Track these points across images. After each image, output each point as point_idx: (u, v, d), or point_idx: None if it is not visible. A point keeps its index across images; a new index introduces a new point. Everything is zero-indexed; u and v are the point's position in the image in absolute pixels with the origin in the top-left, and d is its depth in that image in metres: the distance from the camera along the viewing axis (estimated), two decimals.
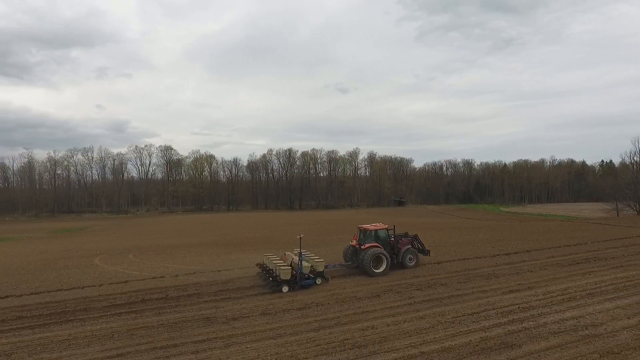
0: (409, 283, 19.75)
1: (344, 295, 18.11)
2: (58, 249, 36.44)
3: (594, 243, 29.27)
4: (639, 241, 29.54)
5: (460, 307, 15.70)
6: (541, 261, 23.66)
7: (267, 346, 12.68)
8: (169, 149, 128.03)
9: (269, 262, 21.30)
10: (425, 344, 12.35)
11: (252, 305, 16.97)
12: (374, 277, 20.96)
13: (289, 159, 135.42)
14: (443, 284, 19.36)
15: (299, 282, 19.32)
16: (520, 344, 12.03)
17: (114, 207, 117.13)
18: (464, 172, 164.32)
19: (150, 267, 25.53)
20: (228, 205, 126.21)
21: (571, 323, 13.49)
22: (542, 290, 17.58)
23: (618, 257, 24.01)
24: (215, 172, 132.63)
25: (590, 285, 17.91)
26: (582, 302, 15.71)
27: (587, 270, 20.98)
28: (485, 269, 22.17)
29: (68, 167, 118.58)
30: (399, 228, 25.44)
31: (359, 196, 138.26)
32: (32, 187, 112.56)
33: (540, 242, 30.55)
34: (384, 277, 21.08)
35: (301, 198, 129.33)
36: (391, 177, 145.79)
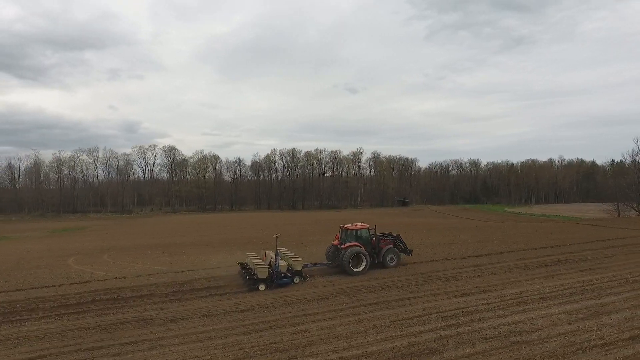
0: (364, 285, 19.36)
1: (294, 297, 17.83)
2: (42, 249, 36.84)
3: (574, 245, 28.48)
4: (620, 243, 28.68)
5: (404, 311, 15.30)
6: (510, 263, 23.06)
7: (190, 349, 12.49)
8: (172, 149, 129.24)
9: (249, 261, 21.46)
10: (348, 349, 12.01)
11: (197, 307, 16.79)
12: (353, 276, 21.05)
13: (293, 159, 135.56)
14: (399, 286, 18.95)
15: (275, 280, 19.43)
16: (444, 350, 11.62)
17: (118, 207, 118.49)
18: (470, 172, 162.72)
19: (118, 267, 25.56)
20: (231, 206, 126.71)
21: (507, 329, 13.01)
22: (496, 293, 17.07)
23: (591, 259, 23.26)
24: (220, 173, 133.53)
25: (548, 289, 17.33)
26: (531, 306, 15.19)
27: (553, 273, 20.36)
28: (450, 271, 21.68)
29: (74, 167, 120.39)
30: (391, 228, 25.41)
31: (363, 196, 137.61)
32: (38, 187, 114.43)
33: (520, 244, 29.85)
34: (362, 276, 21.16)
35: (304, 198, 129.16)
36: (396, 177, 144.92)
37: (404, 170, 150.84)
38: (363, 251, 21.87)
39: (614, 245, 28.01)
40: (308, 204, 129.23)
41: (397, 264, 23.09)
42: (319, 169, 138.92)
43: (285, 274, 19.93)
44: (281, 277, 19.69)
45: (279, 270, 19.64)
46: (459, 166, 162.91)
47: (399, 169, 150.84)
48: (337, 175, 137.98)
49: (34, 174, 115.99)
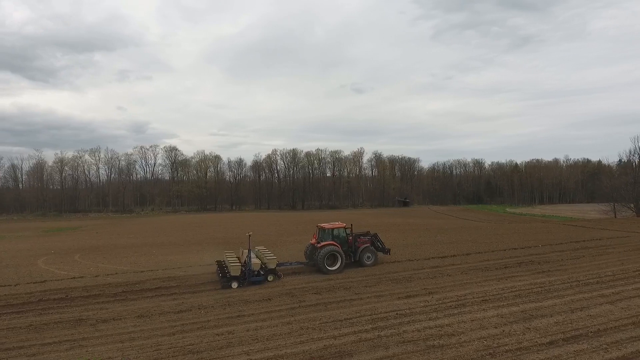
0: (312, 286, 19.14)
1: (237, 298, 17.69)
2: (22, 248, 37.18)
3: (546, 246, 27.96)
4: (593, 244, 28.11)
5: (340, 313, 15.06)
6: (471, 265, 22.68)
7: (107, 350, 12.41)
8: (173, 150, 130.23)
9: (226, 260, 21.79)
10: (261, 352, 11.84)
11: (137, 307, 16.74)
12: (327, 275, 21.28)
13: (294, 159, 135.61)
14: (347, 287, 18.71)
15: (248, 278, 19.74)
16: (355, 354, 11.38)
17: (119, 207, 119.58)
18: (474, 172, 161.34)
19: (84, 267, 25.66)
20: (231, 205, 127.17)
21: (430, 332, 12.71)
22: (440, 295, 16.75)
23: (554, 261, 22.78)
24: (222, 173, 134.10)
25: (494, 292, 16.96)
26: (468, 309, 14.85)
27: (509, 275, 19.94)
28: (407, 272, 21.39)
29: (76, 167, 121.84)
30: (380, 228, 25.38)
31: (364, 196, 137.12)
32: (40, 187, 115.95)
33: (492, 245, 29.40)
34: (339, 274, 21.40)
35: (304, 198, 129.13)
36: (397, 177, 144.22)
37: (406, 170, 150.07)
38: (338, 250, 21.99)
39: (586, 246, 27.41)
40: (308, 204, 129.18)
41: (374, 262, 23.20)
42: (320, 169, 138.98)
43: (258, 272, 20.17)
44: (253, 275, 19.96)
45: (251, 269, 19.95)
46: (462, 166, 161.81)
47: (401, 169, 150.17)
48: (338, 176, 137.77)
49: (36, 174, 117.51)
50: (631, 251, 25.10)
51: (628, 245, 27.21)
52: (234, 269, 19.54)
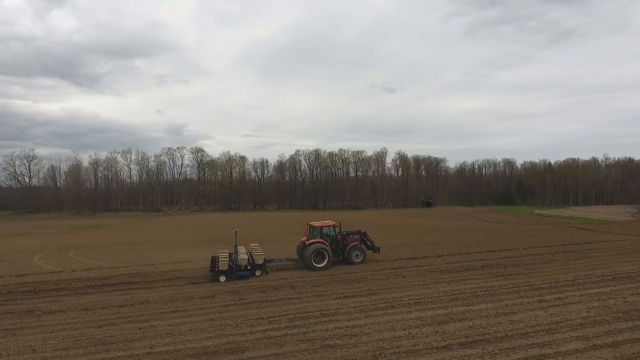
0: (264, 285, 19.46)
1: (184, 294, 18.23)
2: (34, 244, 39.75)
3: (527, 249, 26.97)
4: (577, 248, 26.93)
5: (268, 311, 15.28)
6: (434, 266, 22.29)
7: (33, 339, 13.19)
8: (200, 151, 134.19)
9: (219, 255, 22.60)
10: (165, 345, 12.24)
11: (87, 301, 17.60)
12: (315, 271, 21.96)
13: (317, 160, 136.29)
14: (293, 286, 18.91)
15: (234, 273, 20.79)
16: (248, 350, 11.60)
17: (148, 206, 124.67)
18: (504, 171, 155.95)
19: (70, 262, 27.19)
20: (255, 205, 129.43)
21: (336, 332, 12.70)
22: (378, 297, 16.61)
23: (524, 264, 21.95)
24: (248, 173, 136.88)
25: (434, 294, 16.61)
26: (394, 310, 14.68)
27: (465, 277, 19.44)
28: (365, 273, 21.31)
29: (109, 168, 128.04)
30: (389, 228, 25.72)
31: (386, 197, 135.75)
32: (76, 186, 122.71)
33: (473, 247, 28.74)
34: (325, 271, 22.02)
35: (325, 198, 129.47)
36: (424, 177, 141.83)
37: (432, 170, 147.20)
38: (325, 247, 22.64)
39: (569, 250, 26.17)
40: (330, 204, 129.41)
41: (362, 260, 23.77)
42: (344, 169, 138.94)
43: (244, 267, 21.13)
44: (240, 270, 20.96)
45: (238, 264, 20.99)
46: (492, 166, 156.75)
47: (427, 169, 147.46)
48: (361, 176, 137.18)
49: (73, 175, 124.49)
50: (614, 255, 23.73)
51: (615, 250, 25.71)
52: (222, 263, 20.66)
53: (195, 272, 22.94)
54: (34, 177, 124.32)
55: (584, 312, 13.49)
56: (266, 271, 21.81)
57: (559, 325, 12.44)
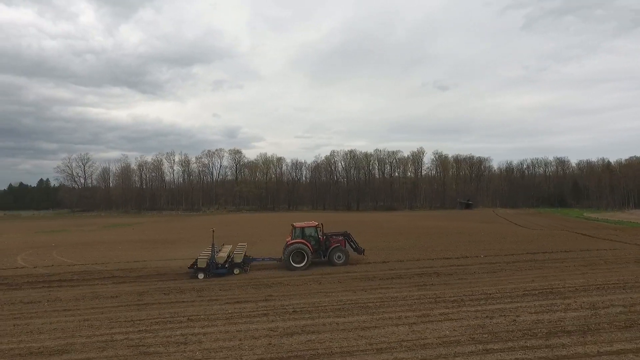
0: (224, 283, 19.57)
1: (108, 293, 18.45)
2: (44, 240, 43.02)
3: (489, 256, 24.75)
4: (545, 257, 24.28)
5: (148, 314, 15.22)
6: (367, 273, 21.12)
7: None
8: (238, 153, 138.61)
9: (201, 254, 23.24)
10: (16, 343, 12.58)
11: (19, 295, 18.42)
12: (293, 272, 21.92)
13: (353, 160, 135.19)
14: (202, 289, 18.71)
15: (211, 270, 21.22)
16: (79, 352, 11.61)
17: (189, 205, 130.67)
18: (557, 171, 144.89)
19: (44, 260, 28.77)
20: (289, 205, 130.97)
21: (172, 339, 12.30)
22: (266, 304, 15.90)
23: (460, 274, 20.15)
24: (286, 174, 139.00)
25: (325, 303, 15.61)
26: (257, 319, 13.88)
27: (383, 286, 18.20)
28: (289, 278, 20.72)
29: (155, 169, 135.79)
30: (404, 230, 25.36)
31: (424, 198, 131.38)
32: (125, 187, 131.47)
33: (449, 252, 27.31)
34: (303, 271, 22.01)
35: (358, 199, 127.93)
36: (467, 177, 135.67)
37: (475, 170, 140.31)
38: (304, 248, 22.65)
39: (534, 259, 23.61)
40: (365, 205, 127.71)
41: (345, 262, 23.38)
42: (381, 169, 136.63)
43: (222, 265, 21.60)
44: (217, 268, 21.39)
45: (215, 262, 21.45)
46: (543, 165, 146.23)
47: (470, 169, 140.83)
48: (397, 176, 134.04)
49: (122, 176, 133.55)
50: (576, 267, 21.04)
51: (588, 260, 22.80)
52: (201, 261, 21.24)
53: (155, 271, 23.35)
54: (88, 178, 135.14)
55: (447, 331, 12.03)
56: (245, 270, 22.13)
57: (402, 344, 11.19)
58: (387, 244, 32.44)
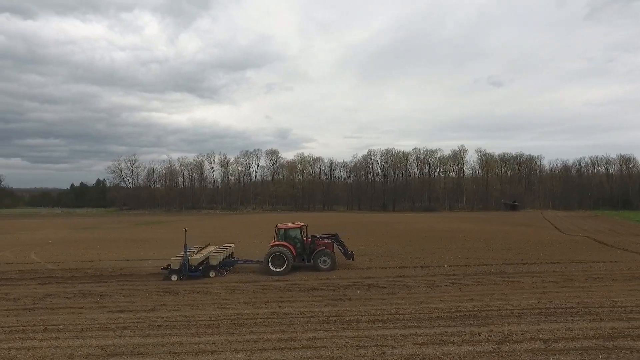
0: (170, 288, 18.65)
1: (40, 294, 18.00)
2: (56, 237, 44.96)
3: (453, 266, 21.44)
4: (510, 270, 20.58)
5: (24, 320, 14.43)
6: (295, 283, 18.96)
7: None
8: (275, 153, 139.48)
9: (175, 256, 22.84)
10: None
11: None
12: (274, 276, 20.47)
13: (391, 159, 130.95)
14: (106, 294, 17.66)
15: (184, 272, 20.36)
16: None
17: (226, 205, 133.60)
18: (621, 170, 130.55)
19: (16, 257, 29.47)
20: (323, 205, 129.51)
21: None
22: (150, 314, 14.52)
23: (398, 287, 17.45)
24: (323, 174, 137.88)
25: (227, 316, 13.89)
26: (105, 334, 12.52)
27: (308, 299, 16.06)
28: (230, 284, 19.21)
29: (197, 169, 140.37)
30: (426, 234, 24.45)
31: (465, 199, 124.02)
32: (168, 186, 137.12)
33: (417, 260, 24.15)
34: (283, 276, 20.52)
35: (395, 199, 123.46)
36: (515, 176, 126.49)
37: (525, 169, 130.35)
38: (284, 251, 21.05)
39: (505, 271, 20.11)
40: (402, 206, 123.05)
41: (331, 267, 21.54)
42: (420, 169, 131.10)
43: (195, 267, 20.69)
44: (191, 270, 20.50)
45: (187, 263, 20.49)
46: (605, 164, 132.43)
47: (519, 168, 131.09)
48: (437, 176, 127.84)
49: (166, 176, 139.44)
50: (545, 283, 17.52)
51: (568, 275, 18.98)
52: (174, 262, 20.52)
53: (110, 271, 22.92)
54: (136, 178, 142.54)
55: None
56: (221, 273, 21.09)
57: None
58: (374, 249, 29.88)
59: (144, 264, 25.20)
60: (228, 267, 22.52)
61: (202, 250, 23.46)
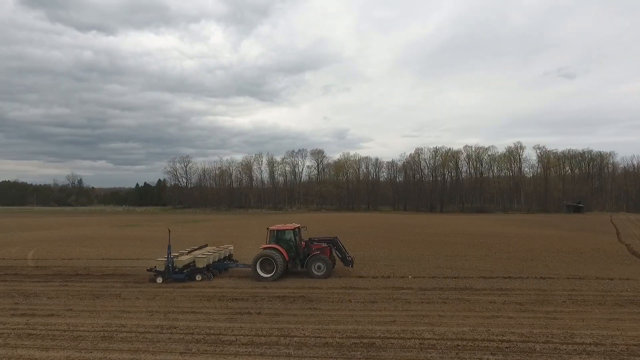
0: None
1: None
2: (81, 233, 47.37)
3: (418, 278, 18.40)
4: (478, 286, 17.04)
5: None
6: (229, 292, 17.33)
7: None
8: (320, 153, 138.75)
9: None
10: None
11: None
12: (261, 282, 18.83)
13: (441, 158, 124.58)
14: (54, 297, 17.30)
15: (168, 275, 19.46)
16: None
17: (272, 204, 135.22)
18: None
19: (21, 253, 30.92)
20: (368, 205, 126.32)
21: None
22: (48, 320, 13.79)
23: (322, 301, 15.13)
24: (369, 174, 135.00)
25: (117, 328, 12.85)
26: None
27: (200, 310, 14.53)
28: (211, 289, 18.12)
29: (245, 170, 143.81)
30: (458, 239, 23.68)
31: (523, 200, 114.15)
32: (218, 186, 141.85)
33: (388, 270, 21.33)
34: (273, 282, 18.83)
35: (443, 200, 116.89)
36: (582, 176, 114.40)
37: (594, 167, 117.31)
38: (274, 255, 19.23)
39: (469, 287, 16.71)
40: (451, 207, 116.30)
41: (325, 274, 19.48)
42: (473, 168, 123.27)
43: (180, 269, 19.64)
44: (175, 273, 19.50)
45: (171, 265, 19.49)
46: None
47: (587, 166, 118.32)
48: (491, 176, 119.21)
49: (217, 176, 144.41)
50: (504, 304, 14.21)
51: (537, 297, 15.31)
52: (159, 264, 19.65)
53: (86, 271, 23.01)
54: (190, 178, 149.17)
55: None
56: (208, 277, 19.76)
57: None
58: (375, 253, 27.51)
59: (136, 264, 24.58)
60: (220, 270, 21.21)
61: (193, 251, 22.21)
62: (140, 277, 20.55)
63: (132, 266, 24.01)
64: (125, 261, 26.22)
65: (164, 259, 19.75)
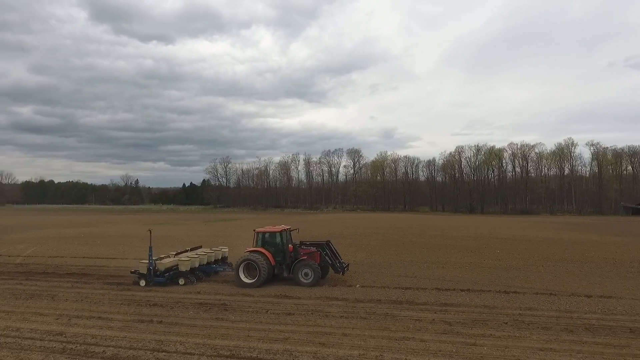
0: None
1: None
2: (94, 232, 49.41)
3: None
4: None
5: None
6: (161, 298, 16.67)
7: None
8: (356, 152, 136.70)
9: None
10: None
11: None
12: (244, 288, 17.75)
13: (484, 156, 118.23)
14: None
15: (149, 278, 18.85)
16: None
17: (308, 205, 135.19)
18: None
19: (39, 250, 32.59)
20: (404, 206, 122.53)
21: None
22: None
23: (241, 311, 13.94)
24: (407, 174, 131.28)
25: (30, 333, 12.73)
26: None
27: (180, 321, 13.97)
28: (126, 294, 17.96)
29: (282, 170, 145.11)
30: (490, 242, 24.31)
31: (575, 201, 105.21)
32: (254, 186, 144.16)
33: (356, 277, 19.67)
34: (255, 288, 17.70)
35: (483, 201, 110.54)
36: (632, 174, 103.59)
37: None
38: (258, 259, 18.05)
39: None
40: (493, 208, 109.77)
41: (313, 282, 17.99)
42: (520, 166, 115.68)
43: (161, 273, 18.89)
44: (156, 276, 18.84)
45: (152, 268, 18.83)
46: None
47: None
48: (538, 175, 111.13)
49: (254, 177, 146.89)
50: (432, 323, 12.23)
51: (469, 316, 13.08)
52: (142, 267, 19.04)
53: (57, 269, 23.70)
54: (229, 178, 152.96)
55: None
56: (191, 281, 18.95)
57: None
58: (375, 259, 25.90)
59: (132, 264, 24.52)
60: (207, 273, 20.43)
61: (183, 253, 21.37)
62: (124, 279, 20.15)
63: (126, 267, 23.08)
64: (124, 261, 26.09)
65: (145, 262, 18.92)
